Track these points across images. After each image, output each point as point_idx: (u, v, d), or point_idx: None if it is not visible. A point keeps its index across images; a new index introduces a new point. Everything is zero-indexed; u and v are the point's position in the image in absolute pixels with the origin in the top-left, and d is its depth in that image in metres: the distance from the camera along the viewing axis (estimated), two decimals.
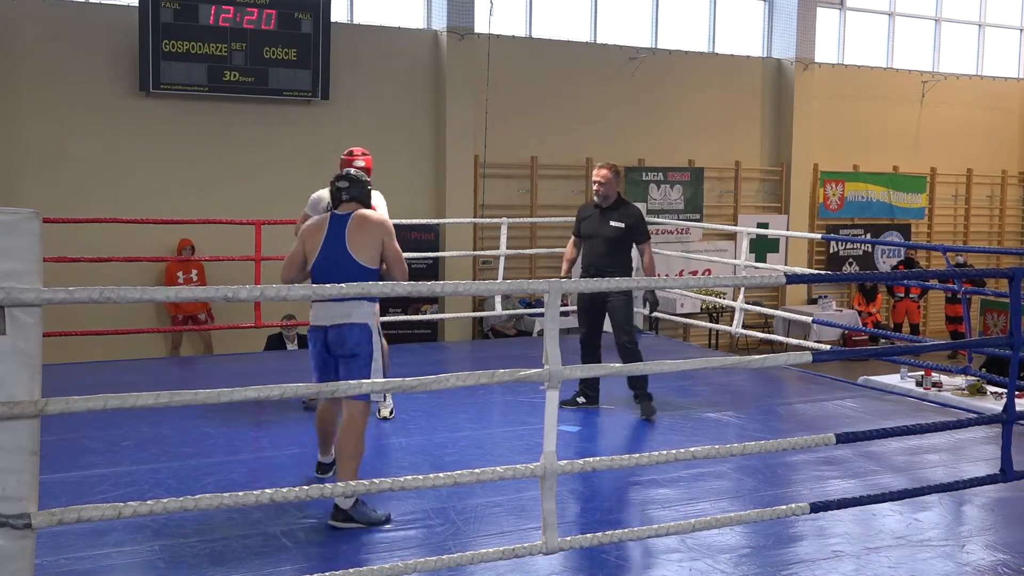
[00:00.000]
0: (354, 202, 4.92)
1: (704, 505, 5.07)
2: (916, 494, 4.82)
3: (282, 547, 4.42)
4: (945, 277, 10.84)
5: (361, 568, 3.48)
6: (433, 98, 13.30)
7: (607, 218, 6.92)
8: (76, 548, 4.28)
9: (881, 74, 16.92)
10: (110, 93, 11.64)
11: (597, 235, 6.96)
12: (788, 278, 4.84)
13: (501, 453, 5.73)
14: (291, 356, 10.05)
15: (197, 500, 3.20)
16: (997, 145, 18.11)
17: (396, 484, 3.53)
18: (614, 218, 6.90)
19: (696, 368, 6.93)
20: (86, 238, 10.09)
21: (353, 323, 4.78)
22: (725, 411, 7.22)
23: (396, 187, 13.05)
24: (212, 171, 12.13)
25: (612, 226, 6.88)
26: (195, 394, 3.14)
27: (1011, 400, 4.76)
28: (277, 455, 5.94)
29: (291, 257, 4.97)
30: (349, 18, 13.13)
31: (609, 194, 6.94)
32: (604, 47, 14.56)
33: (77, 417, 4.47)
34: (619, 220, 6.90)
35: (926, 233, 17.49)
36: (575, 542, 3.83)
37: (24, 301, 2.79)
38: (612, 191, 6.95)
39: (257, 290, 3.21)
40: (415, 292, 3.53)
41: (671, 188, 15.02)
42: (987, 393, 8.20)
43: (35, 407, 2.84)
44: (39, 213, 2.87)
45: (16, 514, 2.85)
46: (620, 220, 6.90)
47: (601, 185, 6.92)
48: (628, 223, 6.90)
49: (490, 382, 3.69)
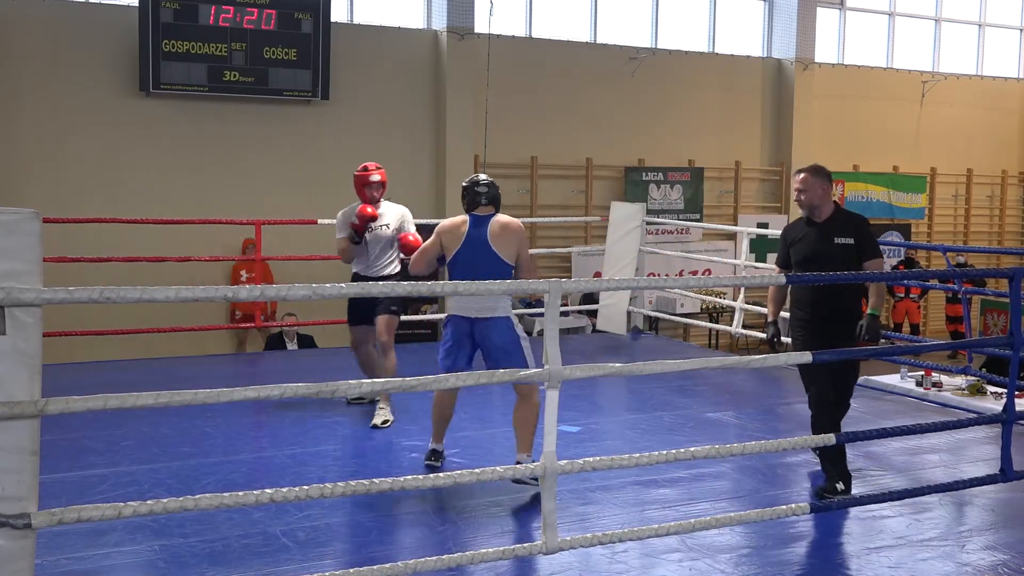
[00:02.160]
0: (491, 205, 5.42)
1: (704, 505, 5.07)
2: (916, 494, 4.82)
3: (282, 547, 4.42)
4: (945, 277, 10.84)
5: (361, 568, 3.48)
6: (433, 98, 13.30)
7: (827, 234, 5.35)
8: (76, 548, 4.28)
9: (881, 74, 16.92)
10: (110, 93, 11.63)
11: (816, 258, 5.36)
12: (788, 278, 4.85)
13: (501, 453, 5.73)
14: (291, 356, 10.06)
15: (197, 500, 3.20)
16: (997, 145, 18.11)
17: (396, 484, 3.53)
18: (837, 233, 5.34)
19: (696, 368, 6.93)
20: (86, 238, 10.09)
21: (497, 317, 5.28)
22: (725, 411, 7.22)
23: (396, 187, 13.06)
24: (212, 171, 12.13)
25: (837, 244, 5.32)
26: (195, 394, 3.14)
27: (1011, 400, 4.76)
28: (277, 455, 5.94)
29: (427, 248, 5.51)
30: (349, 18, 13.13)
31: (815, 203, 5.38)
32: (604, 47, 14.56)
33: (77, 417, 4.47)
34: (844, 235, 5.33)
35: (926, 233, 17.49)
36: (575, 542, 3.83)
37: (24, 301, 2.79)
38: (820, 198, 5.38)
39: (257, 290, 3.22)
40: (415, 292, 3.53)
41: (671, 188, 15.02)
42: (987, 393, 8.19)
43: (35, 407, 2.84)
44: (39, 213, 2.87)
45: (16, 514, 2.85)
46: (845, 235, 5.33)
47: (802, 192, 5.39)
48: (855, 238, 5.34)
49: (490, 382, 3.69)
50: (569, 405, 6.74)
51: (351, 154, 12.61)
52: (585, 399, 7.29)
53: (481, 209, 5.41)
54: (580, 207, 14.22)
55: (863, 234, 5.33)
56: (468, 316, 5.31)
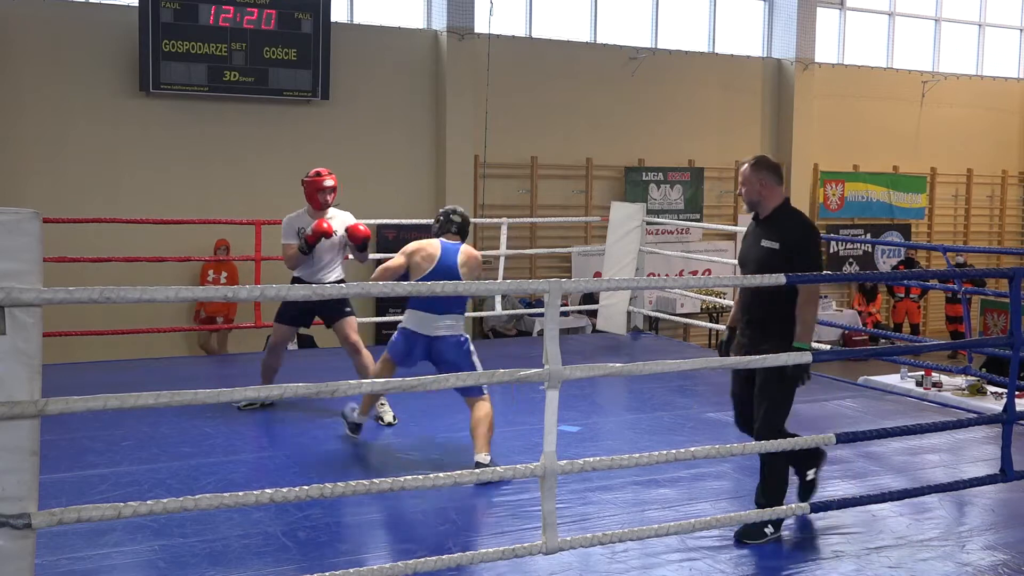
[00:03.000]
0: (459, 235, 5.88)
1: (704, 505, 5.07)
2: (916, 494, 4.83)
3: (282, 547, 4.42)
4: (945, 277, 10.84)
5: (361, 568, 3.48)
6: (433, 98, 13.30)
7: (759, 236, 4.73)
8: (76, 548, 4.28)
9: (881, 74, 16.92)
10: (110, 93, 11.63)
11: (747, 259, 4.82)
12: (788, 278, 4.83)
13: (501, 453, 5.73)
14: (291, 356, 10.05)
15: (197, 500, 3.20)
16: (997, 145, 18.11)
17: (396, 484, 3.53)
18: (766, 235, 4.68)
19: (696, 368, 6.93)
20: (86, 238, 10.09)
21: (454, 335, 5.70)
22: (725, 411, 7.21)
23: (396, 187, 13.11)
24: (212, 171, 12.12)
25: (763, 247, 4.69)
26: (195, 394, 3.14)
27: (1011, 400, 4.76)
28: (277, 455, 5.94)
29: (391, 266, 5.77)
30: (349, 18, 13.12)
31: (753, 199, 4.74)
32: (604, 47, 14.55)
33: (77, 417, 4.48)
34: (771, 239, 4.65)
35: (926, 233, 17.49)
36: (575, 542, 3.84)
37: (24, 301, 2.79)
38: (759, 194, 4.72)
39: (257, 290, 3.21)
40: (415, 292, 3.53)
41: (671, 188, 15.02)
42: (987, 393, 8.20)
43: (35, 407, 2.84)
44: (39, 213, 2.87)
45: (16, 514, 2.85)
46: (772, 238, 4.64)
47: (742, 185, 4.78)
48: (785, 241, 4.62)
49: (490, 382, 3.69)
50: (569, 405, 6.74)
51: (351, 154, 12.64)
52: (585, 399, 7.29)
53: (452, 237, 5.84)
54: (580, 207, 14.21)
55: (794, 241, 4.56)
56: (426, 334, 5.71)
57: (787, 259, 4.51)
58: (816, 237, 4.73)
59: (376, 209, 11.17)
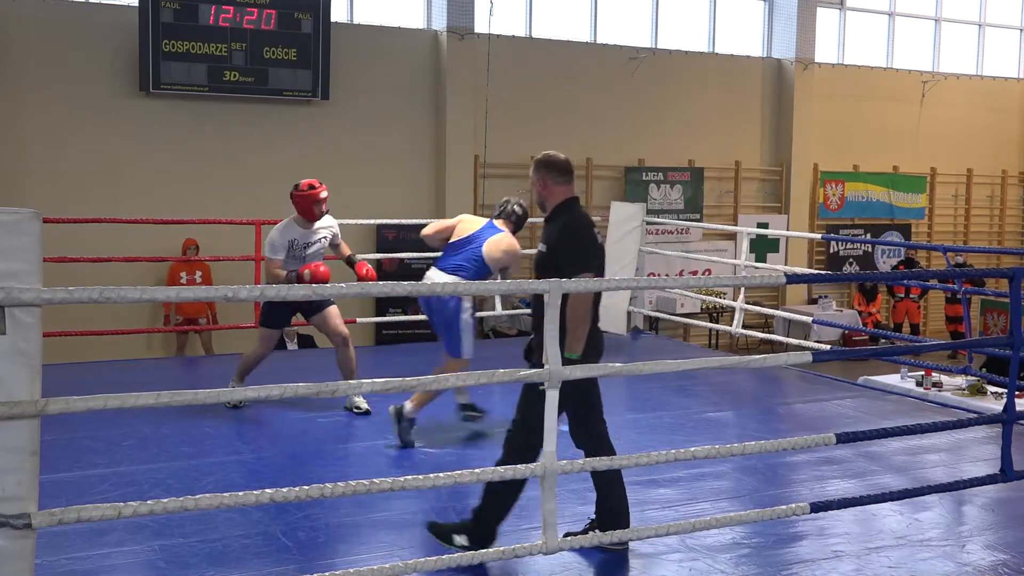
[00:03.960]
0: (511, 224, 6.23)
1: (704, 505, 5.07)
2: (916, 494, 4.82)
3: (282, 547, 4.42)
4: (945, 277, 10.84)
5: (361, 568, 3.48)
6: (433, 98, 13.30)
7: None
8: (76, 548, 4.28)
9: (881, 74, 16.92)
10: (110, 93, 11.63)
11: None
12: (788, 278, 4.84)
13: (498, 454, 5.71)
14: (291, 356, 10.05)
15: (197, 500, 3.20)
16: (997, 145, 18.10)
17: (396, 484, 3.53)
18: (543, 237, 4.51)
19: (696, 368, 6.93)
20: (86, 238, 10.08)
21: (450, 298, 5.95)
22: (725, 411, 7.22)
23: (396, 187, 13.10)
24: (212, 171, 12.12)
25: (539, 250, 4.53)
26: (195, 394, 3.14)
27: (1011, 400, 4.76)
28: (277, 455, 5.94)
29: (440, 225, 6.34)
30: (349, 18, 13.12)
31: (538, 198, 4.53)
32: (604, 47, 14.55)
33: (77, 417, 4.47)
34: (544, 240, 4.47)
35: (926, 233, 17.49)
36: (575, 542, 3.83)
37: (24, 301, 2.79)
38: (539, 194, 4.50)
39: (257, 290, 3.21)
40: (415, 292, 3.53)
41: (671, 188, 15.02)
42: (987, 393, 8.20)
43: (35, 407, 2.84)
44: (39, 213, 2.87)
45: (16, 514, 2.85)
46: (544, 240, 4.47)
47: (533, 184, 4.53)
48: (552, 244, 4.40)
49: (490, 382, 3.69)
50: None
51: (351, 154, 12.65)
52: None
53: (502, 223, 6.21)
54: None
55: (555, 242, 4.34)
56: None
57: (554, 261, 4.29)
58: (583, 237, 4.35)
59: (376, 209, 11.18)
